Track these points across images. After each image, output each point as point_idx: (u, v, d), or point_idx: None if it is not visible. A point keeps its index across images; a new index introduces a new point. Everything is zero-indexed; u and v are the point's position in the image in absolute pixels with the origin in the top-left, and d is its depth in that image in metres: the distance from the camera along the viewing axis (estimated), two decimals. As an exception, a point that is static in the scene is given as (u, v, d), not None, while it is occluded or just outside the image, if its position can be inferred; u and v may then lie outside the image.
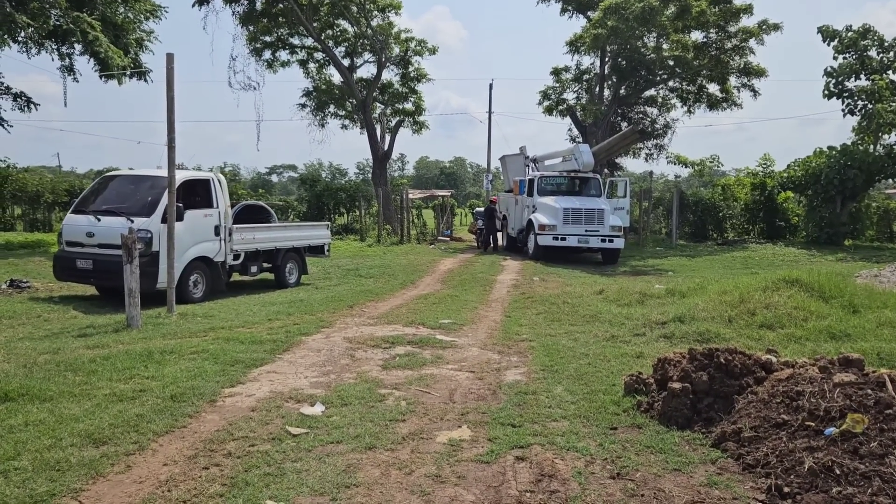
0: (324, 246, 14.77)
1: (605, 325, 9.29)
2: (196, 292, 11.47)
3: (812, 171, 25.67)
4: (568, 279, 15.84)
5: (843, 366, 5.23)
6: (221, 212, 11.85)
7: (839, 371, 5.00)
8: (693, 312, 9.06)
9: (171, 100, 9.68)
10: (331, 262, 18.32)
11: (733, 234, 29.37)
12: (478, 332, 9.20)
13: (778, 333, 8.04)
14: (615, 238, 20.32)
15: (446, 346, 8.18)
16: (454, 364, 7.33)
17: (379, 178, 29.50)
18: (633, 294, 11.35)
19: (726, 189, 29.64)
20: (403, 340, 8.43)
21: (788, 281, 9.78)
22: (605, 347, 7.95)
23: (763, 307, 8.87)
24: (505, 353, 7.91)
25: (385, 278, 15.68)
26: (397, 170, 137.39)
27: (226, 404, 5.79)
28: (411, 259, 20.13)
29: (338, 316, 10.41)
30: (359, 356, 7.69)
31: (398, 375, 6.82)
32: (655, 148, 33.13)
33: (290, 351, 7.86)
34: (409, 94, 34.25)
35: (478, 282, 15.14)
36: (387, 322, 9.87)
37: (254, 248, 12.75)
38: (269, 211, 14.18)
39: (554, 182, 22.45)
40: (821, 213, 25.66)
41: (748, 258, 21.62)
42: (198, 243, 11.43)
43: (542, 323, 9.82)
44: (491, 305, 11.81)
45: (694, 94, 31.72)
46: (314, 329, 9.15)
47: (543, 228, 20.22)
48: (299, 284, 14.12)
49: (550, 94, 33.14)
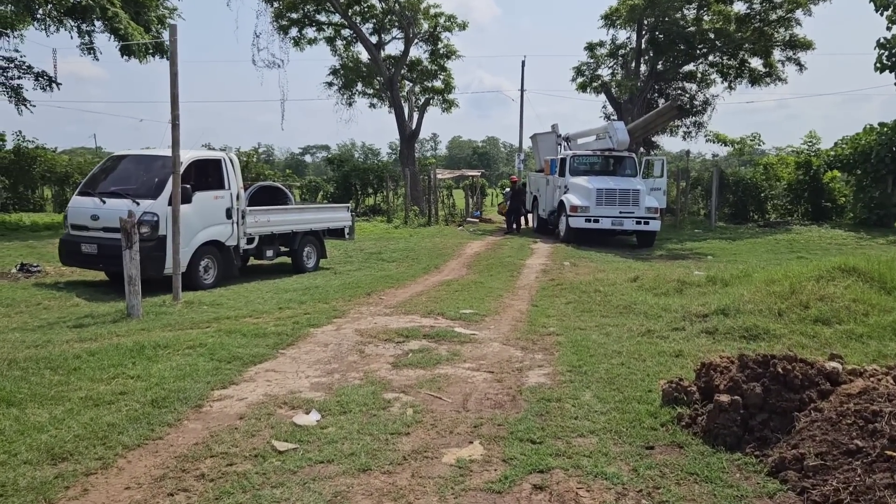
0: (344, 229, 14.15)
1: (640, 317, 8.52)
2: (207, 278, 10.94)
3: (861, 148, 24.28)
4: (601, 264, 15.02)
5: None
6: (234, 193, 11.28)
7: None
8: (738, 304, 8.23)
9: (174, 74, 9.07)
10: (354, 245, 17.73)
11: (775, 216, 28.10)
12: (501, 324, 8.50)
13: (835, 330, 7.19)
14: (651, 220, 19.37)
15: (465, 341, 7.50)
16: (472, 362, 6.64)
17: (406, 158, 28.78)
18: (671, 282, 10.52)
19: (768, 168, 28.33)
20: (419, 333, 7.77)
21: (844, 269, 8.88)
22: (639, 344, 7.19)
23: (817, 299, 8.00)
24: (529, 349, 7.20)
25: (408, 262, 15.03)
26: (430, 149, 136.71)
27: (212, 410, 5.19)
28: (437, 242, 19.45)
29: (353, 304, 9.79)
30: (369, 352, 7.05)
31: (409, 376, 6.16)
32: (694, 126, 31.84)
33: (295, 345, 7.25)
34: (439, 71, 33.31)
35: (505, 266, 14.41)
36: (404, 312, 9.21)
37: (269, 232, 12.18)
38: (286, 192, 13.59)
39: (587, 161, 21.52)
40: (870, 194, 24.31)
41: (793, 241, 20.50)
42: (208, 227, 10.87)
43: (571, 314, 9.08)
44: (517, 293, 11.09)
45: (735, 69, 30.31)
46: (325, 320, 8.53)
47: (575, 210, 19.36)
48: (318, 269, 13.54)
49: (584, 70, 32.01)
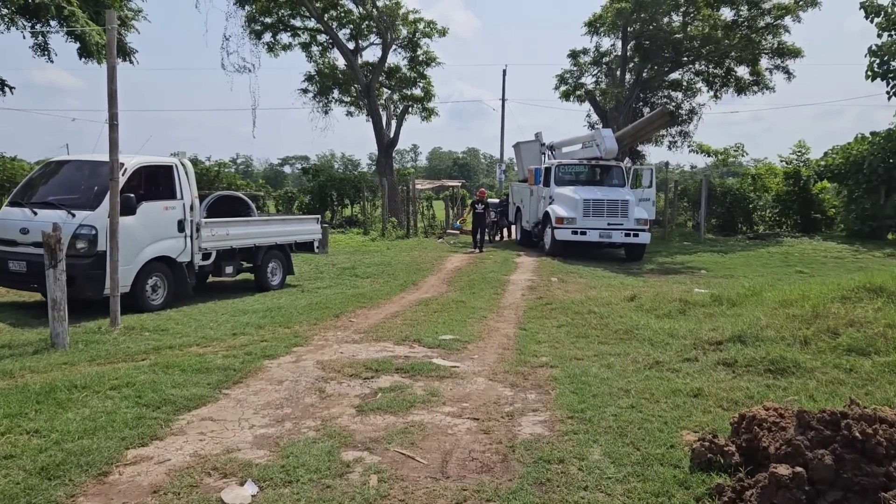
0: (314, 242, 13.00)
1: (644, 344, 7.48)
2: (155, 299, 9.75)
3: (853, 158, 23.60)
4: (591, 280, 14.02)
5: None
6: (187, 204, 10.11)
7: None
8: (756, 330, 7.21)
9: (112, 68, 7.95)
10: (326, 260, 16.60)
11: (764, 227, 27.37)
12: (486, 353, 7.42)
13: (874, 362, 6.18)
14: (640, 232, 18.43)
15: (444, 376, 6.40)
16: (452, 405, 5.55)
17: (384, 168, 27.68)
18: (672, 302, 9.52)
19: (756, 179, 27.61)
20: (391, 367, 6.66)
21: (870, 289, 7.90)
22: (648, 379, 6.15)
23: (846, 324, 7.00)
24: (519, 386, 6.12)
25: (384, 278, 13.92)
26: (410, 160, 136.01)
27: (120, 479, 4.05)
28: (416, 255, 18.35)
29: (318, 329, 8.67)
30: (330, 391, 5.94)
31: (376, 424, 5.05)
32: (680, 135, 31.12)
33: (244, 383, 6.12)
34: (418, 78, 32.38)
35: (488, 283, 13.35)
36: (376, 338, 8.10)
37: (228, 246, 11.00)
38: (248, 203, 12.43)
39: (573, 171, 20.57)
40: (862, 205, 23.62)
41: (787, 254, 19.68)
42: (157, 241, 9.70)
43: (564, 340, 8.02)
44: (503, 314, 10.02)
45: (721, 78, 29.65)
46: (283, 349, 7.40)
47: (561, 221, 18.37)
48: (284, 287, 12.38)
49: (567, 79, 31.21)
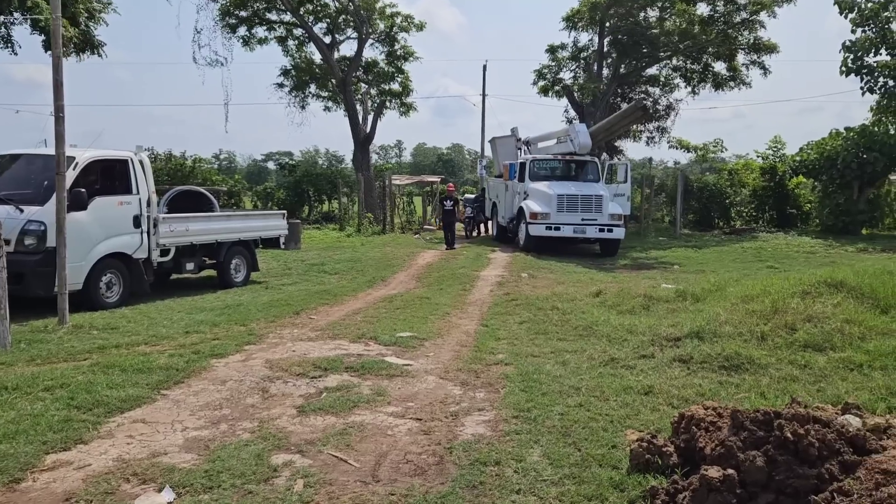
0: (279, 238, 12.78)
1: (602, 341, 7.36)
2: (110, 296, 9.51)
3: (828, 154, 23.65)
4: (561, 275, 13.92)
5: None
6: (143, 199, 9.87)
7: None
8: (714, 326, 7.12)
9: (57, 58, 7.71)
10: (296, 256, 16.39)
11: (740, 223, 27.42)
12: (442, 351, 7.27)
13: (830, 358, 6.11)
14: (615, 227, 18.35)
15: (394, 375, 6.25)
16: (397, 405, 5.40)
17: (361, 163, 27.44)
18: (637, 297, 9.42)
19: (733, 174, 27.66)
20: (341, 366, 6.50)
21: (831, 284, 7.84)
22: (601, 377, 6.03)
23: (804, 320, 6.93)
24: (470, 384, 5.98)
25: (352, 275, 13.73)
26: (394, 156, 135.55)
27: (33, 487, 3.87)
28: (388, 251, 18.17)
29: (275, 326, 8.48)
30: (274, 391, 5.77)
31: (315, 426, 4.90)
32: (657, 131, 31.11)
33: (186, 383, 5.93)
34: (396, 73, 32.09)
35: (457, 279, 13.20)
36: (331, 336, 7.93)
37: (188, 243, 10.76)
38: (210, 198, 12.18)
39: (548, 166, 20.45)
40: (836, 200, 23.68)
41: (760, 249, 19.70)
42: (111, 237, 9.45)
43: (524, 336, 7.90)
44: (467, 310, 9.88)
45: (699, 73, 29.67)
46: (234, 348, 7.22)
47: (535, 217, 18.25)
48: (248, 283, 12.15)
49: (546, 74, 31.05)
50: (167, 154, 28.64)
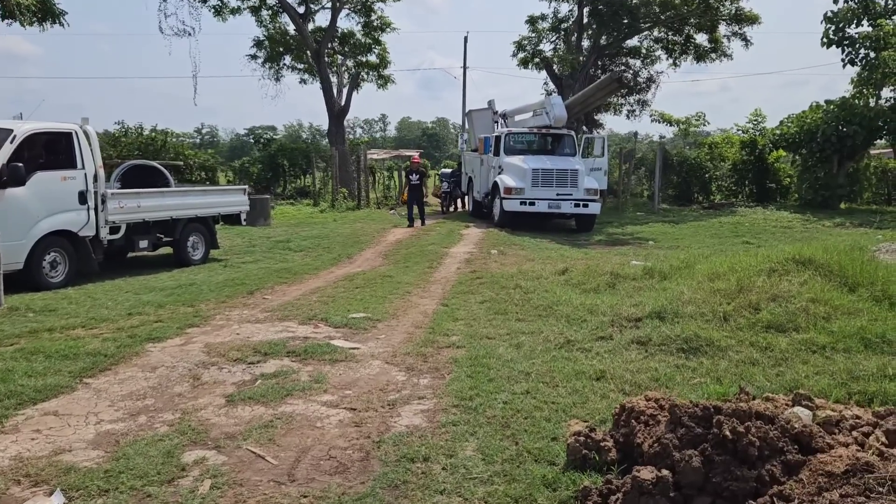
0: (240, 214, 12.36)
1: (560, 321, 7.06)
2: (54, 276, 9.10)
3: (807, 127, 23.38)
4: (532, 252, 13.61)
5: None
6: (89, 174, 9.42)
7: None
8: (676, 306, 6.85)
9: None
10: (262, 233, 16.00)
11: (720, 197, 27.21)
12: (394, 333, 6.96)
13: (792, 339, 5.85)
14: (590, 202, 18.03)
15: (338, 360, 5.93)
16: (334, 393, 5.09)
17: (335, 137, 26.88)
18: (603, 275, 9.13)
19: (713, 148, 27.39)
20: (283, 350, 6.17)
21: (799, 261, 7.57)
22: (554, 360, 5.74)
23: (769, 299, 6.66)
24: (416, 369, 5.68)
25: (317, 252, 13.36)
26: (378, 130, 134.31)
27: (-87, 491, 3.52)
28: (359, 227, 17.79)
29: (225, 307, 8.14)
30: (207, 378, 5.44)
31: (241, 417, 4.58)
32: (638, 104, 30.70)
33: (113, 370, 5.59)
34: (373, 44, 31.42)
35: (425, 256, 12.87)
36: (281, 317, 7.60)
37: (140, 219, 10.33)
38: (165, 173, 11.72)
39: (523, 139, 20.06)
40: (816, 174, 23.49)
41: (737, 224, 19.49)
42: (54, 214, 9.01)
43: (482, 317, 7.59)
44: (429, 289, 9.56)
45: (681, 45, 29.24)
46: (175, 330, 6.87)
47: (510, 192, 17.89)
48: (206, 261, 11.75)
49: (525, 45, 30.49)
50: (138, 128, 27.93)
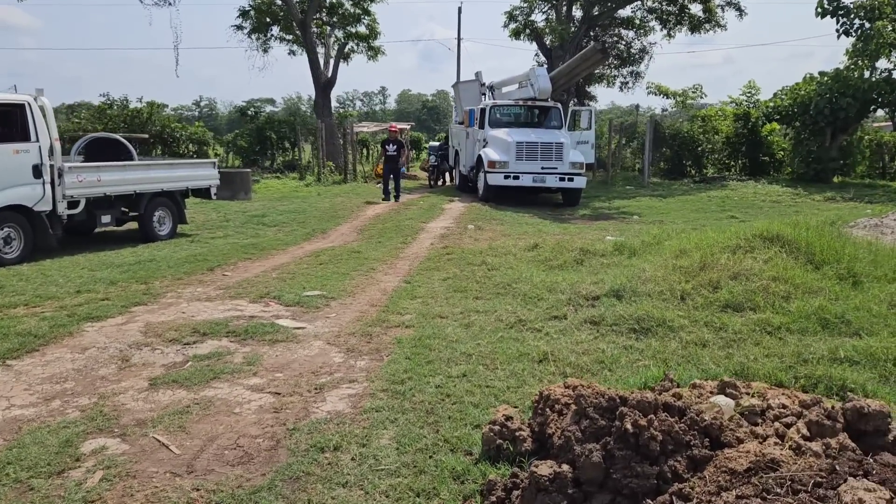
0: (210, 188, 12.09)
1: (517, 300, 6.85)
2: (9, 252, 8.87)
3: (801, 99, 22.95)
4: (510, 227, 13.36)
5: (854, 422, 2.87)
6: (44, 147, 9.15)
7: (845, 450, 2.62)
8: (636, 284, 6.64)
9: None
10: (240, 207, 15.75)
11: (713, 171, 26.85)
12: (346, 312, 6.76)
13: (747, 319, 5.64)
14: (576, 176, 17.71)
15: (278, 340, 5.73)
16: (263, 376, 4.89)
17: (322, 110, 26.48)
18: (572, 251, 8.90)
19: (706, 121, 26.95)
20: (223, 330, 5.98)
21: (767, 237, 7.35)
22: (502, 341, 5.54)
23: (730, 277, 6.44)
24: (356, 351, 5.49)
25: (291, 227, 13.12)
26: (378, 103, 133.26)
27: None
28: (340, 201, 17.51)
29: (180, 285, 7.93)
30: (137, 360, 5.24)
31: (158, 402, 4.39)
32: (631, 76, 30.22)
33: (42, 351, 5.40)
34: (362, 15, 30.84)
35: (400, 231, 12.63)
36: (233, 295, 7.39)
37: (100, 194, 10.08)
38: (128, 147, 11.42)
39: (510, 112, 19.69)
40: (808, 147, 23.09)
41: (726, 198, 19.18)
42: (5, 188, 8.75)
43: (440, 295, 7.38)
44: (396, 265, 9.35)
45: (675, 16, 28.68)
46: (119, 309, 6.67)
47: (493, 165, 17.57)
48: (174, 237, 11.51)
49: (517, 16, 29.92)
50: (123, 100, 27.57)
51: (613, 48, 24.83)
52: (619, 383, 4.26)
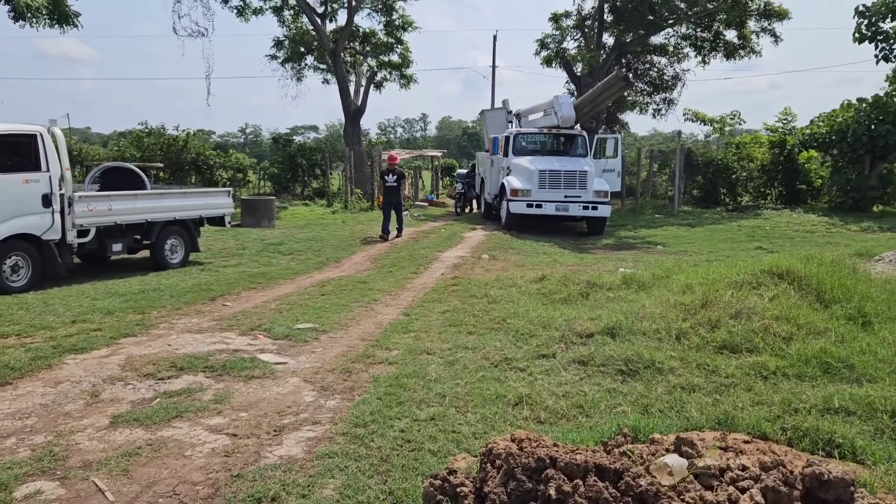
0: (224, 217, 12.13)
1: (509, 335, 6.62)
2: (15, 280, 8.97)
3: (838, 126, 22.32)
4: (526, 257, 13.12)
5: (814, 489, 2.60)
6: (54, 176, 9.28)
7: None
8: (632, 321, 6.36)
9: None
10: (260, 234, 15.82)
11: (749, 199, 26.20)
12: (334, 346, 6.61)
13: (742, 362, 5.32)
14: (600, 205, 17.42)
15: (254, 377, 5.60)
16: (227, 415, 4.75)
17: (351, 137, 26.67)
18: (578, 284, 8.64)
19: (741, 148, 26.38)
20: (202, 364, 5.87)
21: (775, 273, 6.99)
22: (482, 381, 5.32)
23: (731, 316, 6.12)
24: (330, 389, 5.32)
25: (306, 255, 13.09)
26: (419, 130, 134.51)
27: None
28: (360, 229, 17.48)
29: (176, 315, 7.90)
30: (107, 395, 5.16)
31: (113, 442, 4.28)
32: (664, 102, 29.83)
33: (14, 384, 5.38)
34: (395, 44, 31.14)
35: (414, 260, 12.49)
36: (225, 327, 7.31)
37: (111, 223, 10.17)
38: (140, 175, 11.55)
39: (534, 140, 19.52)
40: (846, 175, 22.38)
41: (757, 228, 18.63)
42: (14, 217, 8.87)
43: (435, 329, 7.19)
44: (400, 296, 9.20)
45: (710, 42, 28.28)
46: (106, 340, 6.63)
47: (516, 193, 17.38)
48: (186, 265, 11.55)
49: (549, 43, 29.87)
50: (160, 128, 28.19)
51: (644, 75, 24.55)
52: (576, 434, 4.00)
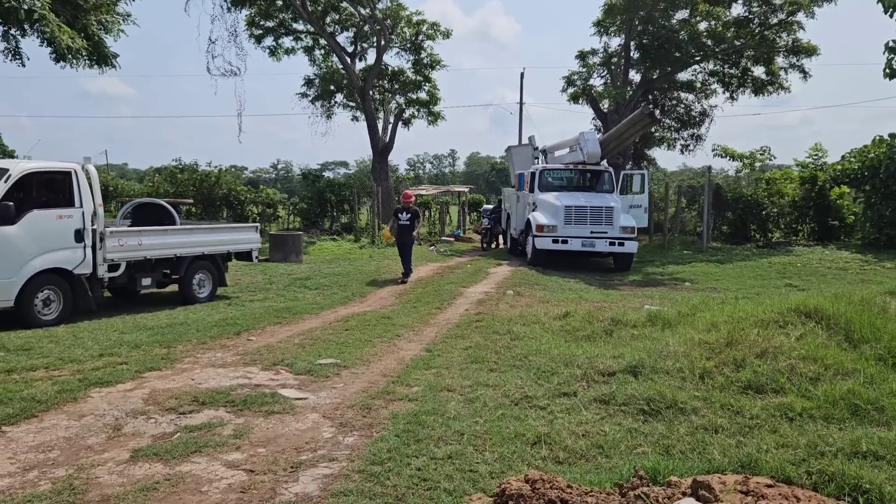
0: (251, 252, 12.30)
1: (530, 373, 6.57)
2: (48, 313, 9.16)
3: (870, 162, 22.03)
4: (552, 293, 13.06)
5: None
6: (87, 212, 9.51)
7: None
8: (655, 360, 6.29)
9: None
10: (287, 269, 15.97)
11: (780, 235, 25.84)
12: (356, 382, 6.62)
13: (767, 403, 5.22)
14: (626, 241, 17.34)
15: (274, 412, 5.62)
16: (246, 450, 4.77)
17: (379, 174, 26.98)
18: (602, 321, 8.58)
19: (771, 183, 26.12)
20: (223, 399, 5.91)
21: (803, 312, 6.89)
22: (501, 419, 5.28)
23: (756, 355, 6.02)
24: (350, 425, 5.31)
25: (332, 290, 13.17)
26: (448, 165, 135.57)
27: None
28: (386, 265, 17.56)
29: (201, 349, 7.98)
30: (129, 429, 5.21)
31: (132, 477, 4.31)
32: (692, 138, 29.71)
33: (40, 417, 5.45)
34: (423, 81, 31.64)
35: (438, 296, 12.50)
36: (248, 361, 7.36)
37: (141, 257, 10.37)
38: (171, 211, 11.79)
39: (560, 176, 19.56)
40: (880, 212, 21.99)
41: (788, 265, 18.35)
42: (47, 252, 9.10)
43: (456, 366, 7.16)
44: (423, 332, 9.20)
45: (738, 79, 28.23)
46: (132, 374, 6.72)
47: (542, 229, 17.39)
48: (214, 299, 11.70)
49: (575, 80, 30.07)
50: (193, 164, 28.80)
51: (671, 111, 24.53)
52: (594, 475, 3.94)
